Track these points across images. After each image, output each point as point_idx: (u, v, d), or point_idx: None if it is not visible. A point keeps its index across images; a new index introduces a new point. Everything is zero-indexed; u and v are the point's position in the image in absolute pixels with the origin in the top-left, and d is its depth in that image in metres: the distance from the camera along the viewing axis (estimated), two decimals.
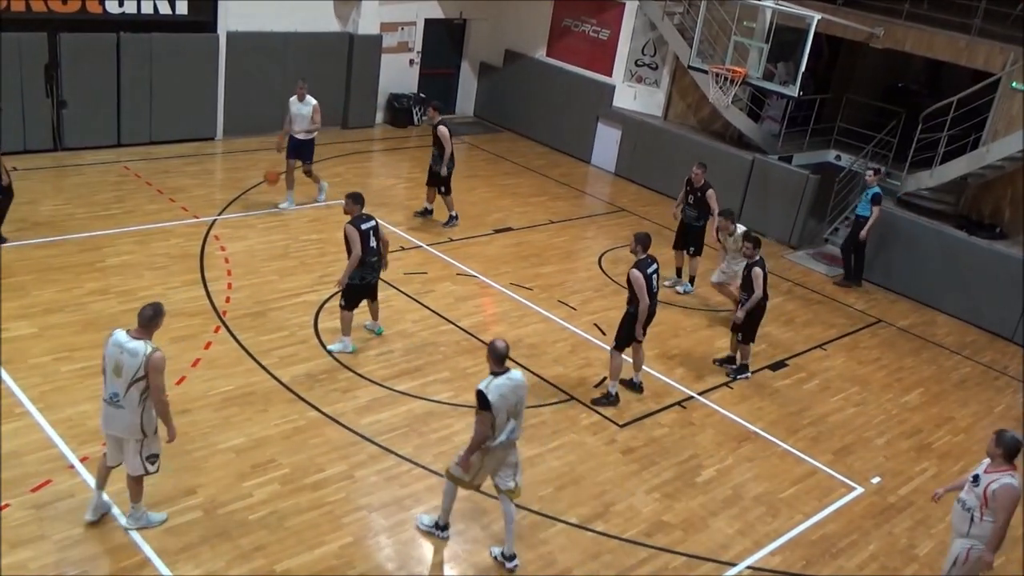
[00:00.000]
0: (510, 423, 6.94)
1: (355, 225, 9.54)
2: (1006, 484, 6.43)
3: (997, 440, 6.59)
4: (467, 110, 20.91)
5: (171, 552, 6.85)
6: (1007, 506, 6.41)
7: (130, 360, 6.53)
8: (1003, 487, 6.43)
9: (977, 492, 6.57)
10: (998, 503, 6.42)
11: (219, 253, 11.96)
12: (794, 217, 15.50)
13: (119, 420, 6.65)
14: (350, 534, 7.36)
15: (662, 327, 11.91)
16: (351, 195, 9.70)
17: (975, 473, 6.72)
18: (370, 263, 9.72)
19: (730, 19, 15.18)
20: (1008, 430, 6.68)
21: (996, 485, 6.45)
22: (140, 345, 6.58)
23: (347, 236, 9.56)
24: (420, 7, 18.84)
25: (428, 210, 14.22)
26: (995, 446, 6.59)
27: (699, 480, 8.84)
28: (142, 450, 6.73)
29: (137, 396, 6.57)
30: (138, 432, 6.65)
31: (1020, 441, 6.53)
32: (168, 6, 15.09)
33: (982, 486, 6.55)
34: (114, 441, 6.81)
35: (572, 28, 18.89)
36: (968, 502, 6.66)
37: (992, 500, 6.44)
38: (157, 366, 6.59)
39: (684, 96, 17.78)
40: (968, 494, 6.71)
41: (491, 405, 6.77)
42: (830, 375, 11.44)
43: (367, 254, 9.58)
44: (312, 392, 9.19)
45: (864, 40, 15.22)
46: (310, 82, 16.48)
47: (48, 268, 10.83)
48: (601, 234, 14.91)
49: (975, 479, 6.67)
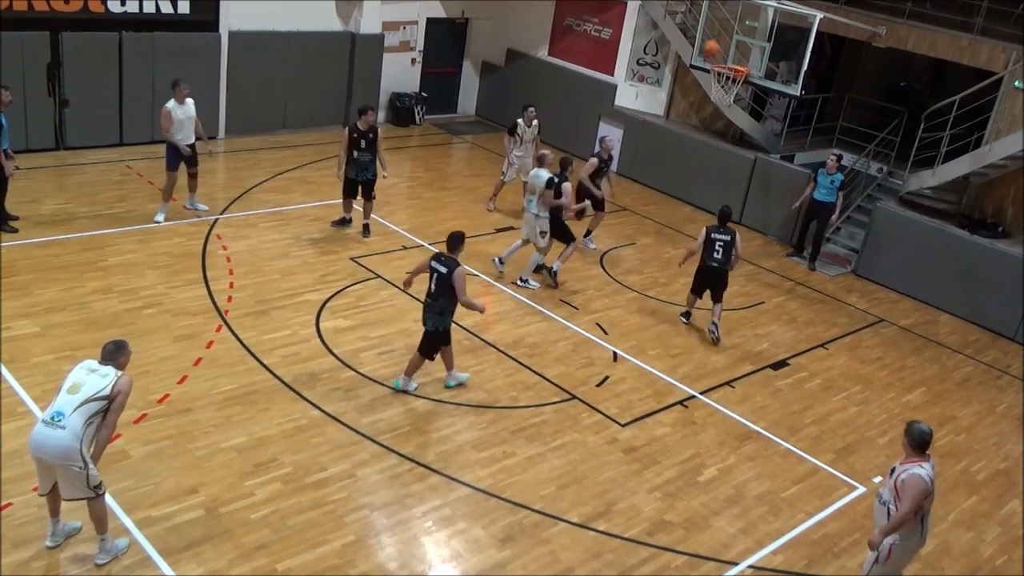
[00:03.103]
0: (527, 196, 12.05)
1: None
2: (913, 473, 6.47)
3: (907, 432, 6.64)
4: (469, 109, 20.92)
5: (173, 551, 6.85)
6: (912, 495, 6.41)
7: (96, 380, 6.26)
8: (910, 476, 6.46)
9: (889, 484, 6.59)
10: (905, 492, 6.44)
11: (221, 252, 11.97)
12: (796, 217, 15.48)
13: (53, 443, 6.13)
14: (352, 533, 7.37)
15: (663, 326, 11.92)
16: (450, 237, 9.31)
17: (893, 466, 6.74)
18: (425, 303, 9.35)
19: (732, 18, 15.17)
20: (918, 422, 6.69)
21: (905, 475, 6.49)
22: (111, 370, 6.35)
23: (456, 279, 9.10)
24: (422, 6, 18.85)
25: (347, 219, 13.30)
26: (906, 438, 6.64)
27: (701, 479, 8.84)
28: (88, 480, 6.26)
29: (81, 421, 6.14)
30: (77, 459, 6.16)
31: (928, 432, 6.57)
32: (170, 5, 15.09)
33: (894, 477, 6.58)
34: (44, 466, 6.32)
35: (574, 27, 18.88)
36: (884, 496, 6.65)
37: (901, 488, 6.46)
38: (126, 388, 6.33)
39: (686, 95, 17.77)
40: (884, 486, 6.72)
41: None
42: (832, 374, 11.44)
43: None
44: (314, 391, 9.19)
45: (866, 39, 15.21)
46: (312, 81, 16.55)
47: (50, 267, 10.84)
48: (603, 233, 14.89)
49: (892, 470, 6.69)
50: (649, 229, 15.47)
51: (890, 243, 14.47)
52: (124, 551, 6.76)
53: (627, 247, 14.57)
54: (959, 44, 14.27)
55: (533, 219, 12.10)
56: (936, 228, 14.10)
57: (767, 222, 16.00)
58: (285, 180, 14.91)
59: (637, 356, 11.00)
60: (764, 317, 12.74)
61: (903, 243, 14.34)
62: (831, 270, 14.88)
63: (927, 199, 14.83)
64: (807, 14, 13.99)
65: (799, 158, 16.65)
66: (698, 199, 16.68)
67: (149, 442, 8.02)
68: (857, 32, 15.16)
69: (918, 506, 6.47)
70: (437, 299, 9.08)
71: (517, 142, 14.84)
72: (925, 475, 6.45)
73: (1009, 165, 13.78)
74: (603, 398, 9.95)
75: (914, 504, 6.43)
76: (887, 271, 14.56)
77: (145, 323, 9.94)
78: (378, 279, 11.90)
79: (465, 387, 9.69)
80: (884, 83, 19.03)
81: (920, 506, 6.50)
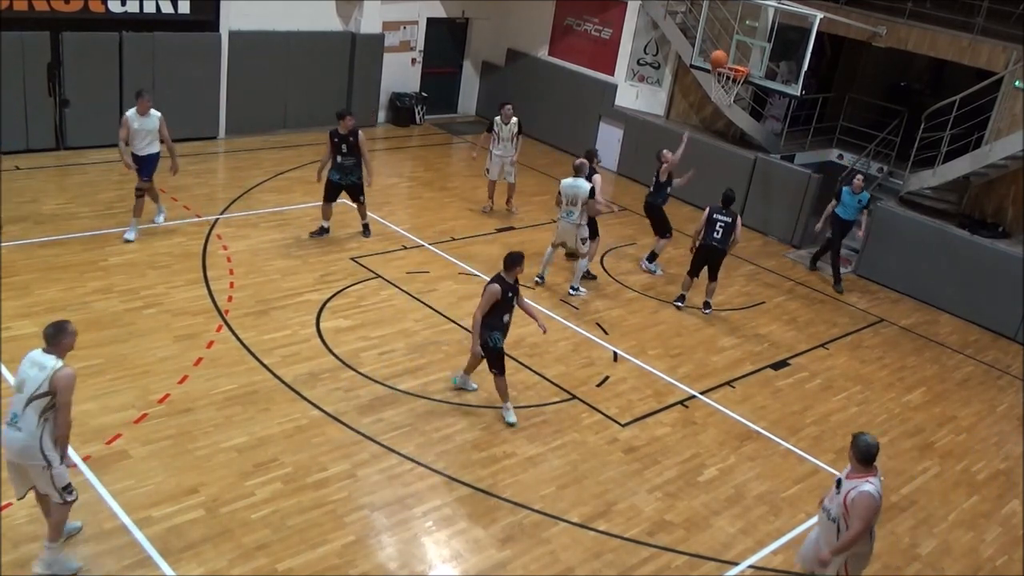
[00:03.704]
0: (565, 207, 11.93)
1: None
2: (863, 491, 6.15)
3: (853, 444, 6.31)
4: (469, 109, 20.92)
5: (173, 551, 6.85)
6: (863, 515, 6.14)
7: (36, 374, 6.07)
8: (860, 494, 6.15)
9: (838, 501, 6.28)
10: (855, 511, 6.14)
11: (221, 252, 11.97)
12: (796, 216, 15.49)
13: (14, 444, 6.11)
14: (352, 533, 7.37)
15: (664, 326, 11.93)
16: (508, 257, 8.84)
17: (838, 478, 6.43)
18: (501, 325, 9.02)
19: (732, 18, 15.18)
20: (864, 434, 6.33)
21: (855, 493, 6.17)
22: (50, 360, 6.12)
23: None
24: (422, 6, 18.85)
25: (325, 229, 12.96)
26: (851, 452, 6.31)
27: (701, 479, 8.84)
28: (53, 481, 6.18)
29: (35, 417, 6.05)
30: (38, 457, 6.09)
31: (874, 445, 6.23)
32: (170, 5, 15.10)
33: (843, 494, 6.26)
34: (14, 468, 6.29)
35: (574, 27, 18.88)
36: (832, 511, 6.35)
37: (851, 506, 6.16)
38: (65, 383, 6.10)
39: (686, 95, 17.77)
40: (831, 502, 6.40)
41: (560, 190, 11.96)
42: (832, 374, 11.44)
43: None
44: (314, 391, 9.19)
45: (867, 39, 15.21)
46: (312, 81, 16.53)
47: (51, 267, 10.84)
48: (603, 233, 14.82)
49: (838, 485, 6.38)
50: (649, 229, 15.40)
51: (890, 243, 14.46)
52: (71, 571, 6.49)
53: (627, 247, 14.57)
54: (959, 44, 14.27)
55: (574, 228, 11.96)
56: (936, 228, 14.10)
57: (767, 222, 15.99)
58: (285, 180, 14.91)
59: (637, 356, 11.00)
60: (764, 317, 12.74)
61: (903, 243, 14.33)
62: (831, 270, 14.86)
63: (927, 199, 14.83)
64: (807, 14, 13.99)
65: (799, 158, 16.66)
66: (698, 199, 16.63)
67: (149, 442, 8.02)
68: (857, 32, 15.15)
69: (869, 523, 6.24)
70: None
71: (495, 140, 14.52)
72: (875, 491, 6.17)
73: (1009, 165, 13.78)
74: (603, 398, 9.95)
75: (866, 523, 6.20)
76: (887, 271, 14.56)
77: (145, 323, 9.94)
78: (378, 279, 11.90)
79: (466, 387, 9.69)
80: (884, 83, 19.03)
81: (871, 522, 6.27)
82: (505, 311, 8.89)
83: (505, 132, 14.44)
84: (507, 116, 14.39)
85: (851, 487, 6.23)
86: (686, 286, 12.49)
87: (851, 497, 6.19)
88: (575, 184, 11.89)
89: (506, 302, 8.82)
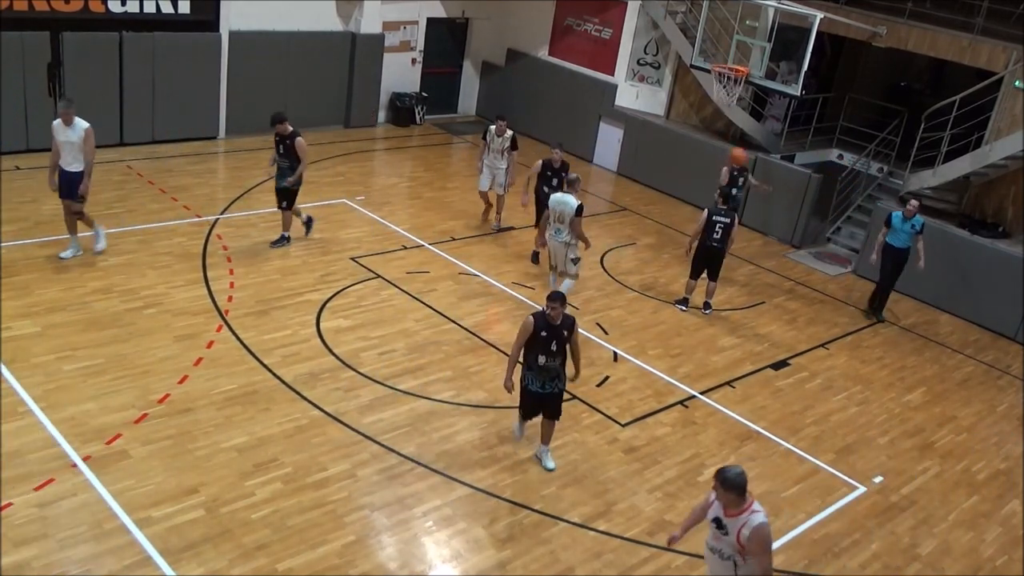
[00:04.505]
0: (554, 224, 11.25)
1: None
2: (756, 525, 5.81)
3: (724, 484, 5.81)
4: (469, 109, 20.92)
5: (173, 551, 6.85)
6: (765, 547, 5.87)
7: None
8: (755, 530, 5.80)
9: (729, 540, 5.92)
10: (755, 546, 5.83)
11: (221, 252, 11.97)
12: (796, 216, 15.49)
13: None
14: (352, 533, 7.37)
15: (664, 326, 11.93)
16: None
17: (715, 516, 6.00)
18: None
19: (732, 18, 15.18)
20: (726, 469, 5.84)
21: (747, 530, 5.82)
22: None
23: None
24: (422, 6, 18.85)
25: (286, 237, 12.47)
26: (724, 491, 5.82)
27: (701, 479, 8.83)
28: None
29: None
30: None
31: (743, 474, 5.84)
32: (171, 5, 15.10)
33: (732, 534, 5.89)
34: None
35: (574, 27, 18.88)
36: (724, 551, 6.01)
37: (749, 544, 5.83)
38: None
39: (686, 95, 17.77)
40: (719, 542, 6.02)
41: (548, 206, 11.26)
42: (832, 374, 11.44)
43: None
44: (314, 391, 9.19)
45: (867, 39, 15.21)
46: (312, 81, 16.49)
47: (50, 267, 10.84)
48: (603, 233, 14.90)
49: (719, 525, 5.98)
50: (649, 229, 15.47)
51: None
52: None
53: (627, 247, 14.57)
54: (959, 44, 14.27)
55: (563, 248, 11.40)
56: (936, 228, 14.07)
57: (767, 222, 15.99)
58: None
59: (637, 356, 11.00)
60: (764, 317, 12.74)
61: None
62: (831, 270, 14.88)
63: (927, 199, 14.82)
64: (807, 14, 14.00)
65: (799, 158, 16.66)
66: (698, 199, 16.65)
67: (149, 442, 8.02)
68: (857, 32, 15.16)
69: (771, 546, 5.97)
70: None
71: (486, 150, 13.85)
72: (765, 518, 5.85)
73: (1009, 165, 13.78)
74: (603, 398, 9.95)
75: (770, 552, 5.95)
76: None
77: (145, 323, 9.94)
78: (378, 279, 11.90)
79: (466, 388, 9.68)
80: (884, 83, 19.02)
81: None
82: (539, 351, 7.98)
83: (496, 144, 13.81)
84: (500, 129, 13.78)
85: (740, 524, 5.82)
86: (689, 289, 12.50)
87: (745, 535, 5.80)
88: (563, 200, 11.24)
89: (538, 341, 7.96)
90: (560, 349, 8.03)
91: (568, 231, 11.25)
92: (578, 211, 11.15)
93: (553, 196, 11.46)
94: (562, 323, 7.96)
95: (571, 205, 11.13)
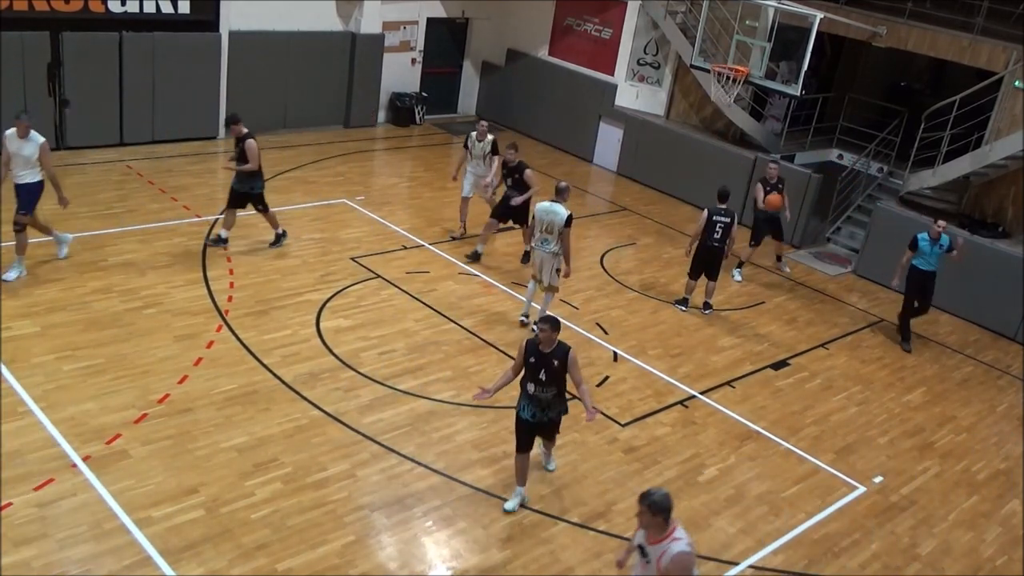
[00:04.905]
0: (541, 235, 10.64)
1: None
2: (677, 554, 5.57)
3: (652, 507, 5.53)
4: (469, 109, 20.92)
5: (173, 551, 6.85)
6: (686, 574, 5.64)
7: None
8: (675, 558, 5.56)
9: (651, 570, 5.71)
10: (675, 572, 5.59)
11: (221, 252, 11.97)
12: (796, 216, 15.48)
13: None
14: (352, 533, 7.37)
15: (664, 326, 11.93)
16: None
17: (639, 543, 5.83)
18: None
19: (732, 18, 15.18)
20: (652, 492, 5.56)
21: (667, 559, 5.59)
22: None
23: None
24: (422, 6, 18.85)
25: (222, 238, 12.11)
26: (652, 515, 5.55)
27: (701, 479, 8.84)
28: None
29: None
30: None
31: (668, 496, 5.64)
32: (170, 5, 15.10)
33: (653, 562, 5.68)
34: None
35: (574, 27, 18.88)
36: None
37: (668, 573, 5.60)
38: None
39: (686, 95, 17.77)
40: (645, 569, 5.80)
41: (535, 215, 10.61)
42: (832, 374, 11.44)
43: None
44: (314, 391, 9.19)
45: (867, 39, 15.21)
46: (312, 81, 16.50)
47: (50, 267, 10.83)
48: (603, 233, 14.90)
49: (643, 552, 5.79)
50: (649, 229, 15.47)
51: (890, 243, 14.43)
52: None
53: (627, 247, 14.57)
54: (959, 44, 14.26)
55: (551, 259, 10.75)
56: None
57: None
58: (285, 180, 14.91)
59: (637, 356, 11.00)
60: (764, 317, 12.74)
61: (903, 243, 14.27)
62: (831, 270, 14.88)
63: (927, 199, 14.83)
64: (807, 14, 14.00)
65: (799, 158, 16.66)
66: (698, 199, 16.64)
67: (149, 442, 8.02)
68: (857, 32, 15.15)
69: None
70: None
71: (468, 156, 13.40)
72: (687, 546, 5.63)
73: (1009, 165, 13.77)
74: (603, 398, 9.94)
75: None
76: (887, 271, 14.51)
77: (145, 323, 9.94)
78: (378, 279, 11.90)
79: (466, 388, 9.68)
80: (884, 83, 19.02)
81: None
82: (528, 378, 7.54)
83: (478, 150, 13.22)
84: (482, 133, 13.18)
85: (660, 552, 5.58)
86: (688, 289, 12.52)
87: (664, 564, 5.55)
88: (552, 209, 10.58)
89: (528, 367, 7.50)
90: (551, 380, 7.47)
91: (557, 242, 10.63)
92: (567, 222, 10.52)
93: (541, 205, 10.73)
94: (553, 352, 7.41)
95: (561, 215, 10.52)
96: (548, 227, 10.62)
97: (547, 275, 10.89)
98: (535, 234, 10.79)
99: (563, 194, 10.78)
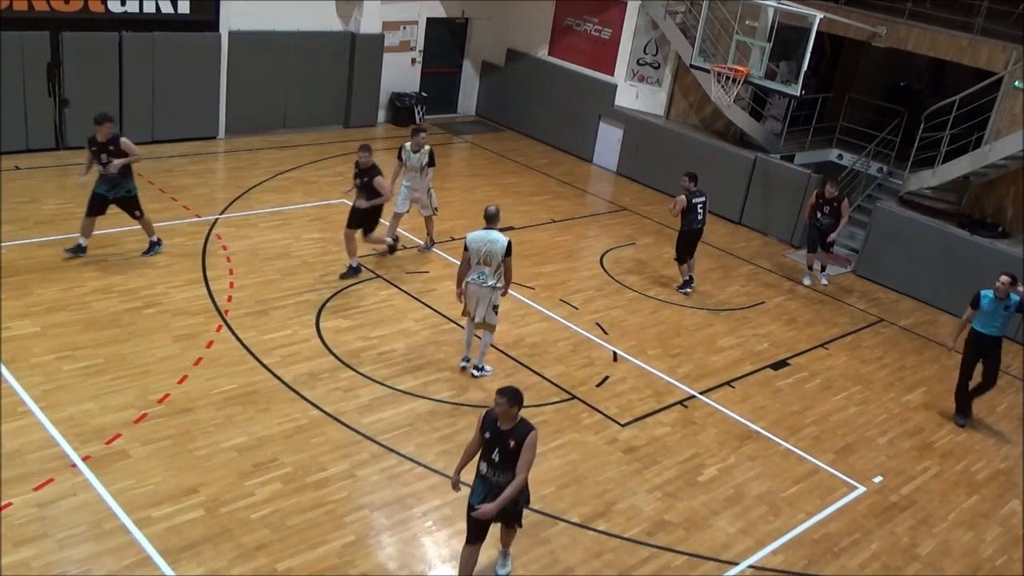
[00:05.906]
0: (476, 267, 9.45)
1: None
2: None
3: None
4: (469, 109, 20.92)
5: (173, 551, 6.85)
6: None
7: None
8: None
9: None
10: None
11: (221, 252, 11.97)
12: (796, 216, 15.48)
13: None
14: (352, 533, 7.37)
15: (663, 326, 11.93)
16: None
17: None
18: None
19: (732, 18, 15.18)
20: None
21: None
22: None
23: None
24: (422, 6, 18.85)
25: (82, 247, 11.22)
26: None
27: (701, 479, 8.84)
28: None
29: None
30: None
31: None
32: (170, 5, 15.10)
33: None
34: None
35: (574, 27, 18.88)
36: None
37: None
38: None
39: (686, 95, 17.77)
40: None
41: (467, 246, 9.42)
42: (832, 374, 11.44)
43: None
44: (314, 391, 9.19)
45: (866, 39, 15.21)
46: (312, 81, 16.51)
47: (50, 267, 10.84)
48: (603, 233, 14.91)
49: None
50: (649, 229, 15.48)
51: (890, 243, 14.46)
52: None
53: (627, 247, 14.57)
54: (959, 44, 14.26)
55: (488, 292, 9.54)
56: (936, 228, 14.09)
57: (767, 222, 16.00)
58: (285, 180, 14.91)
59: (637, 356, 11.00)
60: (764, 317, 12.74)
61: (903, 243, 14.33)
62: (831, 270, 14.86)
63: (927, 199, 14.82)
64: (807, 14, 13.99)
65: (799, 158, 16.66)
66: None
67: (149, 442, 8.02)
68: (857, 32, 15.15)
69: None
70: None
71: (401, 169, 12.47)
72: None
73: (1009, 165, 13.77)
74: (603, 398, 9.95)
75: None
76: (887, 271, 14.56)
77: (145, 323, 9.94)
78: (378, 279, 11.90)
79: (465, 388, 9.68)
80: (884, 83, 19.02)
81: None
82: (482, 455, 6.50)
83: (414, 161, 12.33)
84: (417, 144, 12.29)
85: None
86: (685, 272, 13.07)
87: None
88: (489, 238, 9.42)
89: (482, 443, 6.46)
90: (504, 462, 6.32)
91: (496, 274, 9.50)
92: (507, 250, 9.41)
93: (474, 235, 9.50)
94: (513, 431, 6.30)
95: (500, 243, 9.38)
96: (486, 258, 9.40)
97: (482, 312, 9.70)
98: (470, 267, 9.52)
99: (494, 220, 9.59)
